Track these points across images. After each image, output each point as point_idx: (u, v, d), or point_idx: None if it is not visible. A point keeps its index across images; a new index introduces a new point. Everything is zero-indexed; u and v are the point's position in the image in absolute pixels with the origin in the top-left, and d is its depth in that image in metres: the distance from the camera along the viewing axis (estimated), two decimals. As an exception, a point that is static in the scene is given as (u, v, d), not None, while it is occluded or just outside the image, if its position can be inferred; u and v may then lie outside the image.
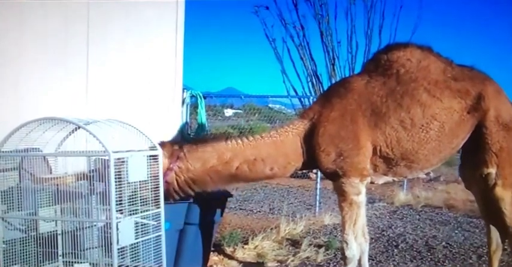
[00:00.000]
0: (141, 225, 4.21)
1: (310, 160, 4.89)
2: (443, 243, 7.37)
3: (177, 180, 4.72)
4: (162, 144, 4.67)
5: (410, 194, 11.12)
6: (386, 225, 8.47)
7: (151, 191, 4.23)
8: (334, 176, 4.87)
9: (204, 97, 6.48)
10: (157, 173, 4.30)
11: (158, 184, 4.28)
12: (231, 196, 6.17)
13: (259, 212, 9.60)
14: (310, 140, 4.84)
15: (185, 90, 6.33)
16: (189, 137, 6.40)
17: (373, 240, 7.36)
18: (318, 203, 9.40)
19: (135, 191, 4.10)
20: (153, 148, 4.29)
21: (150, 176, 4.22)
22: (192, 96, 6.41)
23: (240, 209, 9.78)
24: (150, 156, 4.25)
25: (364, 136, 4.75)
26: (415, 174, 5.23)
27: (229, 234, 7.09)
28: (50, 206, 4.36)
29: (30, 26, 5.03)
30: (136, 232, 4.12)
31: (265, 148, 4.85)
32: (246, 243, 7.08)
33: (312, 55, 14.35)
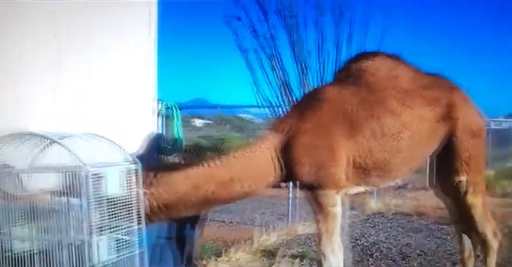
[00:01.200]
0: (122, 242, 4.16)
1: (288, 173, 4.84)
2: (417, 251, 7.46)
3: (150, 206, 4.53)
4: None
5: (380, 202, 11.24)
6: (359, 234, 8.53)
7: (131, 207, 4.19)
8: (309, 188, 4.85)
9: (180, 108, 6.44)
10: (137, 187, 4.26)
11: (138, 199, 4.24)
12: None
13: (231, 223, 9.60)
14: (286, 154, 4.79)
15: (160, 102, 6.26)
16: (165, 150, 6.33)
17: (348, 250, 7.40)
18: (290, 212, 9.45)
19: (113, 207, 4.05)
20: (131, 161, 4.25)
21: (129, 191, 4.18)
22: (167, 108, 6.35)
23: (211, 220, 9.69)
24: (129, 170, 4.22)
25: (339, 147, 4.74)
26: (386, 183, 5.28)
27: (201, 246, 7.06)
28: (24, 224, 4.30)
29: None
30: (117, 249, 4.06)
31: (239, 166, 4.69)
32: (220, 256, 7.07)
33: (283, 65, 14.46)
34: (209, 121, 32.43)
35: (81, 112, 5.55)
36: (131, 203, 4.17)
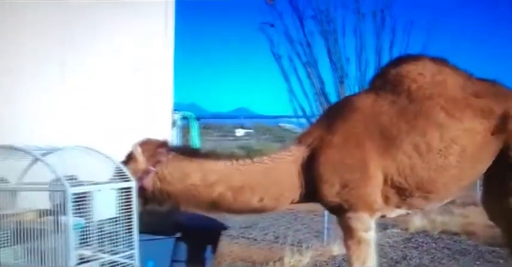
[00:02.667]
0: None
1: (310, 192, 4.23)
2: (464, 278, 6.66)
3: (154, 186, 4.07)
4: (145, 141, 4.18)
5: (425, 219, 10.34)
6: (400, 256, 7.75)
7: (123, 229, 3.61)
8: (338, 211, 4.23)
9: (198, 119, 5.91)
10: (131, 208, 3.67)
11: (131, 221, 3.65)
12: (225, 228, 5.54)
13: (263, 241, 8.93)
14: (309, 170, 4.19)
15: (176, 112, 5.77)
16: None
17: (387, 275, 6.70)
18: (326, 230, 8.72)
19: (102, 230, 3.48)
20: (126, 179, 3.67)
21: (122, 212, 3.60)
22: (183, 118, 5.85)
23: (242, 237, 9.12)
24: (122, 189, 3.64)
25: (372, 164, 4.09)
26: (432, 206, 4.54)
27: (225, 268, 6.46)
28: (10, 246, 3.77)
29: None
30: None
31: (256, 174, 4.17)
32: (246, 279, 6.46)
33: (319, 73, 13.72)
34: (250, 130, 31.99)
35: (88, 121, 5.11)
36: (127, 226, 3.60)
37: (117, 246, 3.63)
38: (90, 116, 5.22)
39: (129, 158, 4.15)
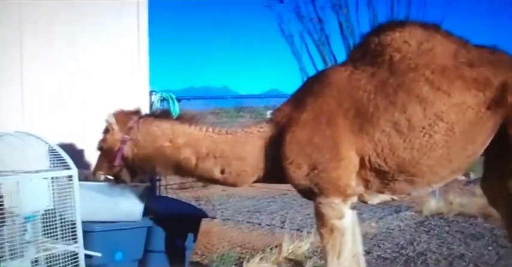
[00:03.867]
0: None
1: (280, 173, 3.86)
2: (471, 265, 6.16)
3: (132, 153, 4.06)
4: (118, 112, 4.21)
5: (442, 201, 9.80)
6: (408, 241, 7.28)
7: (61, 222, 3.25)
8: (309, 195, 3.87)
9: (178, 100, 5.51)
10: (70, 199, 3.32)
11: (72, 213, 3.30)
12: (205, 216, 5.16)
13: (268, 226, 8.50)
14: (277, 149, 3.82)
15: (154, 93, 5.38)
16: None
17: (388, 261, 6.24)
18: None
19: (33, 225, 3.13)
20: (64, 167, 3.30)
21: (61, 203, 3.25)
22: (162, 99, 5.46)
23: (248, 222, 8.74)
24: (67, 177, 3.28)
25: (345, 144, 3.69)
26: (421, 191, 4.04)
27: (220, 256, 6.08)
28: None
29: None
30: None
31: (223, 145, 4.00)
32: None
33: (331, 50, 13.11)
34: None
35: (50, 106, 4.77)
36: (62, 219, 3.24)
37: (57, 238, 3.27)
38: (61, 102, 4.87)
39: (106, 131, 4.15)
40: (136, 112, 4.25)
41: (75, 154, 4.42)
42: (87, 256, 4.01)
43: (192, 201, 9.32)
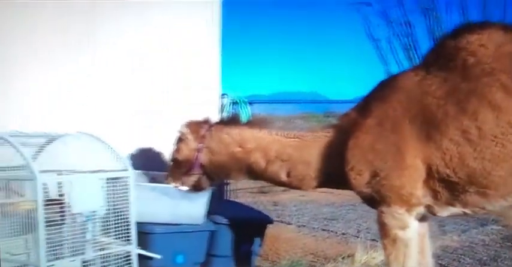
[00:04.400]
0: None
1: (343, 179, 3.75)
2: (558, 287, 5.71)
3: (209, 161, 4.19)
4: (188, 124, 4.31)
5: (535, 215, 9.20)
6: (491, 257, 6.85)
7: (115, 224, 3.28)
8: (372, 203, 3.72)
9: (250, 103, 5.47)
10: (125, 201, 3.34)
11: (127, 214, 3.32)
12: (271, 222, 5.09)
13: (343, 234, 8.29)
14: (341, 154, 3.72)
15: (225, 96, 5.38)
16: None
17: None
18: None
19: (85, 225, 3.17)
20: (121, 169, 3.33)
21: (115, 205, 3.27)
22: (234, 103, 5.45)
23: (323, 230, 8.56)
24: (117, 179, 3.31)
25: (410, 152, 3.50)
26: (496, 204, 3.71)
27: (289, 263, 5.99)
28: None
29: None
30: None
31: (291, 149, 4.06)
32: (310, 275, 5.96)
33: (420, 54, 12.66)
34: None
35: (124, 109, 4.87)
36: (119, 219, 3.26)
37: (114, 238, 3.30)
38: (123, 106, 4.95)
39: (180, 141, 4.27)
40: (206, 121, 4.36)
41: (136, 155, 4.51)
42: (147, 258, 4.06)
43: (269, 205, 9.31)
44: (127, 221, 3.33)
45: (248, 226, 4.78)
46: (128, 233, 3.35)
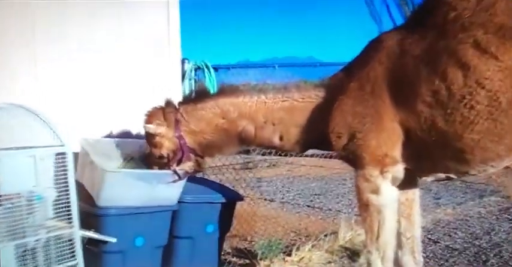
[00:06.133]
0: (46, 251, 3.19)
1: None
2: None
3: (196, 143, 4.19)
4: (151, 113, 4.21)
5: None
6: (485, 230, 6.81)
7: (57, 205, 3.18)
8: (352, 166, 3.81)
9: (215, 69, 5.33)
10: (65, 177, 3.23)
11: (67, 193, 3.21)
12: (241, 199, 4.99)
13: (330, 210, 8.25)
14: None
15: (186, 61, 5.23)
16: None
17: (456, 253, 5.86)
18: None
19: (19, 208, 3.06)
20: (57, 144, 3.21)
21: (57, 184, 3.17)
22: (197, 68, 5.30)
23: (308, 206, 8.52)
24: (57, 154, 3.19)
25: (388, 114, 3.54)
26: (479, 169, 3.67)
27: (267, 242, 5.91)
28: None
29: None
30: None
31: (280, 112, 4.06)
32: (290, 255, 5.89)
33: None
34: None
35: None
36: (58, 202, 3.16)
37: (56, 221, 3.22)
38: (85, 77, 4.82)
39: (153, 137, 4.19)
40: (169, 104, 4.25)
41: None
42: (102, 242, 3.98)
43: (254, 182, 9.24)
44: (67, 202, 3.22)
45: (215, 204, 4.67)
46: (69, 215, 3.24)
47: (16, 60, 4.38)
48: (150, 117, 4.18)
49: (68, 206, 3.22)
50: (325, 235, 6.30)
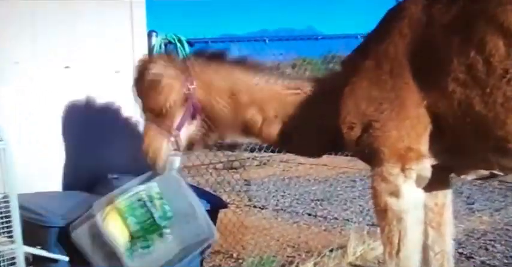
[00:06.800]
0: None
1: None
2: None
3: (206, 100, 4.10)
4: (151, 56, 4.35)
5: None
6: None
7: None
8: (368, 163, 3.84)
9: (190, 44, 5.31)
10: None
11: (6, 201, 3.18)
12: (224, 206, 5.01)
13: (336, 219, 8.31)
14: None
15: (154, 34, 5.23)
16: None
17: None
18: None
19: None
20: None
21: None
22: (168, 43, 5.29)
23: (309, 214, 8.58)
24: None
25: (412, 99, 3.54)
26: None
27: (258, 260, 5.98)
28: None
29: None
30: None
31: (291, 107, 4.09)
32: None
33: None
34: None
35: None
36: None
37: None
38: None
39: (154, 84, 4.02)
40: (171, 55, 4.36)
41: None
42: (51, 260, 3.95)
43: (240, 185, 9.31)
44: (7, 212, 3.18)
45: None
46: (8, 227, 3.21)
47: None
48: (152, 58, 4.21)
49: (8, 216, 3.18)
50: (331, 250, 6.43)
